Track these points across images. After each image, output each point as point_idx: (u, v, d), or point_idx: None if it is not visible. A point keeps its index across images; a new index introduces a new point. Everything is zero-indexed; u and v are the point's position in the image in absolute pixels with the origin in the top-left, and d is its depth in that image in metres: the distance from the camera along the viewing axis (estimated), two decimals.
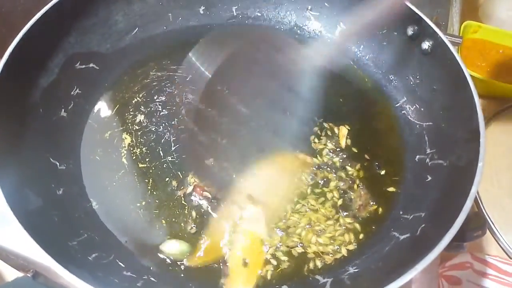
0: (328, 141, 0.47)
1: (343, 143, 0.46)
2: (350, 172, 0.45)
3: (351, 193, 0.44)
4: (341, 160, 0.46)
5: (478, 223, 0.39)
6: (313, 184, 0.44)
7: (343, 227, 0.42)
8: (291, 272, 0.39)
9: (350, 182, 0.45)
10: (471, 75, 0.59)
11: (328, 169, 0.45)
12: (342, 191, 0.44)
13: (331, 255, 0.40)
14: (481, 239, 0.53)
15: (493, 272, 0.47)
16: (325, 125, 0.48)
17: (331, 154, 0.46)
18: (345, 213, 0.43)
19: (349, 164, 0.46)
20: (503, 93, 0.64)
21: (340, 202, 0.43)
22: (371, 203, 0.43)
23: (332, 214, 0.43)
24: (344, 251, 0.40)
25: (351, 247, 0.41)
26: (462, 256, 0.48)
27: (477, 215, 0.51)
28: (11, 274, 0.54)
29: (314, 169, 0.45)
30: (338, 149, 0.47)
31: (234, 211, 0.42)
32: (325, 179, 0.45)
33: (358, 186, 0.44)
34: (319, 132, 0.48)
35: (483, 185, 0.54)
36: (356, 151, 0.47)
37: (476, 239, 0.40)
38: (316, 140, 0.47)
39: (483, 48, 0.70)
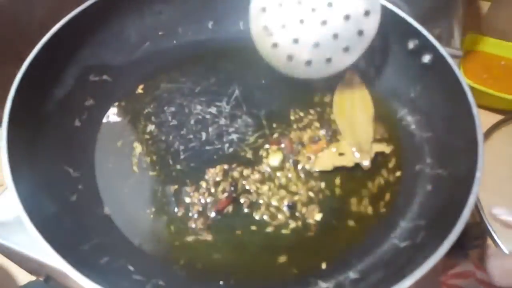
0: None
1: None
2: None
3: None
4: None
5: (478, 232, 0.40)
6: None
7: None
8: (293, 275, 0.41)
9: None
10: (473, 87, 0.61)
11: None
12: None
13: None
14: (483, 248, 0.54)
15: None
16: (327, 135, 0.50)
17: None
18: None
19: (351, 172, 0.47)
20: (505, 104, 0.65)
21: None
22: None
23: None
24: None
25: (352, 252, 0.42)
26: (465, 265, 0.49)
27: (477, 224, 0.52)
28: (24, 278, 0.55)
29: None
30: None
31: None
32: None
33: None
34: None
35: (484, 195, 0.55)
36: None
37: (476, 248, 0.41)
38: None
39: (486, 60, 0.71)
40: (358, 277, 0.39)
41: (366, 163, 0.46)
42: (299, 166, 0.47)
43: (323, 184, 0.46)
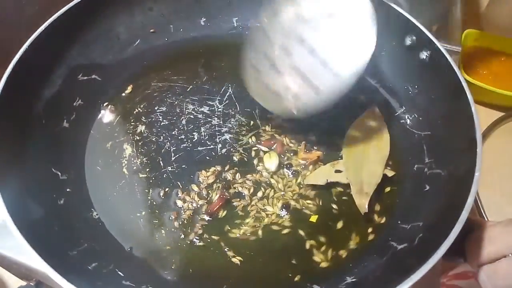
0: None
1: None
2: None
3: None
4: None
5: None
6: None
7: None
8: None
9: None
10: (473, 84, 0.59)
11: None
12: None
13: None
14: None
15: None
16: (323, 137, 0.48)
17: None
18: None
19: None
20: (506, 101, 0.64)
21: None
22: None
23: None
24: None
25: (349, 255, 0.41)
26: (464, 265, 0.48)
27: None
28: (15, 283, 0.54)
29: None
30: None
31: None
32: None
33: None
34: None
35: (485, 192, 0.54)
36: None
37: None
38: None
39: (485, 56, 0.70)
40: (355, 281, 0.38)
41: (362, 210, 0.42)
42: (294, 168, 0.46)
43: (318, 186, 0.45)
